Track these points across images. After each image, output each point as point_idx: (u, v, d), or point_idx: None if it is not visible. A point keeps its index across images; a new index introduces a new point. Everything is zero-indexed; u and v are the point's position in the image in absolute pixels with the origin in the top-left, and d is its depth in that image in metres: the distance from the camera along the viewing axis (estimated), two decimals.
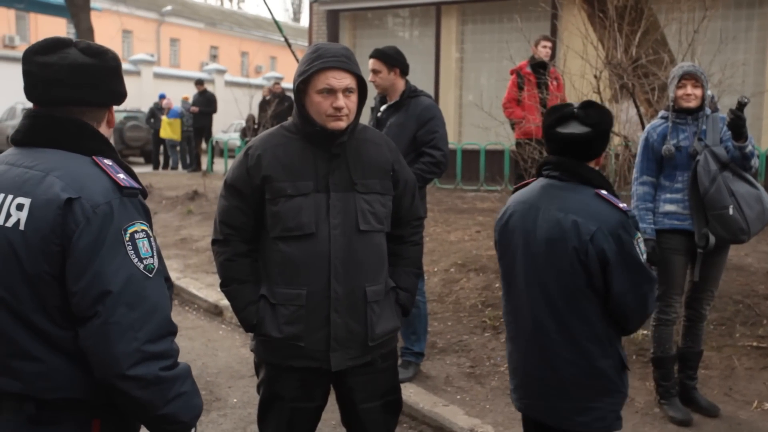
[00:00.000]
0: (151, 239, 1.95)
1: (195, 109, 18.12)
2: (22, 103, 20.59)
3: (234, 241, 2.86)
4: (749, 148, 4.18)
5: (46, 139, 1.97)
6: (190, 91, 20.10)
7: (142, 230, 1.93)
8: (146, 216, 1.98)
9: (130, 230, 1.89)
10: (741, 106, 4.09)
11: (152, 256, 1.93)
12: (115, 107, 2.14)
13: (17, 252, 1.85)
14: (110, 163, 1.97)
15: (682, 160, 4.30)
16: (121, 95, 2.09)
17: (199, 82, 19.21)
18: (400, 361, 4.87)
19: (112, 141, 2.13)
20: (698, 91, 4.30)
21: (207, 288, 7.44)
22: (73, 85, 1.96)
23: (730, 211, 4.13)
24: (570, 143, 2.82)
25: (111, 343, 1.82)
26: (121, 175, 1.94)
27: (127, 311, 1.84)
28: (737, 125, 4.09)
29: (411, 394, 4.70)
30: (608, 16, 7.38)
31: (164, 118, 18.79)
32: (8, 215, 1.88)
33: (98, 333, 1.82)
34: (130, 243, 1.88)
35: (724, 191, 4.15)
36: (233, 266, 2.86)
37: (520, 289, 2.89)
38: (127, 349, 1.82)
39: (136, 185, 1.95)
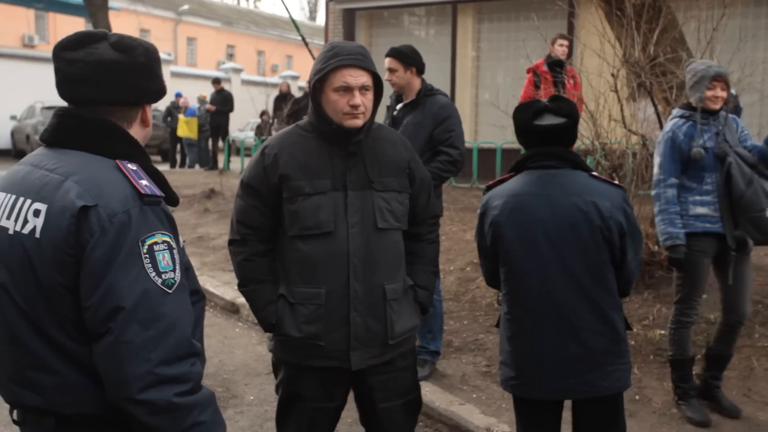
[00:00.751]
0: (174, 251, 1.80)
1: (212, 107, 18.18)
2: (41, 102, 20.78)
3: (251, 241, 2.86)
4: None
5: (71, 140, 1.87)
6: (207, 90, 20.17)
7: (164, 242, 1.78)
8: (170, 226, 1.84)
9: (149, 242, 1.75)
10: None
11: (173, 270, 1.78)
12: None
13: (32, 261, 1.75)
14: (134, 168, 1.83)
15: (709, 162, 4.23)
16: (152, 93, 1.97)
17: (216, 81, 19.31)
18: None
19: (144, 143, 2.03)
20: (725, 93, 4.26)
21: (223, 286, 7.47)
22: (99, 83, 1.85)
23: (767, 214, 4.08)
24: (551, 133, 2.98)
25: (121, 364, 1.69)
26: (144, 182, 1.80)
27: (140, 329, 1.69)
28: None
29: (427, 392, 4.69)
30: (626, 14, 7.34)
31: (181, 116, 18.92)
32: (25, 221, 1.78)
33: (109, 351, 1.70)
34: (148, 255, 1.73)
35: (761, 193, 4.10)
36: (251, 266, 2.86)
37: (540, 277, 2.95)
38: (138, 371, 1.68)
39: (158, 193, 1.81)
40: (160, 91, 1.99)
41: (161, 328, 1.72)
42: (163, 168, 18.57)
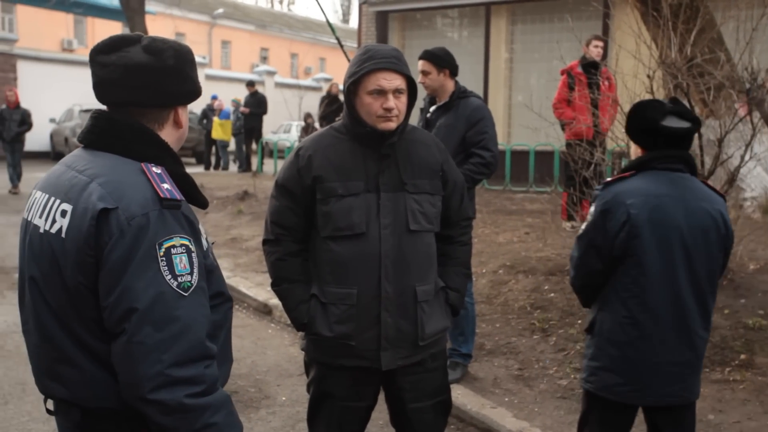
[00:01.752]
0: (193, 255, 1.79)
1: (246, 110, 18.31)
2: (79, 105, 21.09)
3: (285, 241, 2.88)
4: None
5: (103, 141, 1.89)
6: (241, 93, 20.35)
7: (182, 245, 1.77)
8: (190, 229, 1.83)
9: (167, 244, 1.75)
10: None
11: (190, 273, 1.77)
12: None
13: (59, 260, 1.79)
14: (159, 172, 1.83)
15: None
16: (183, 95, 1.96)
17: (250, 84, 19.47)
18: (447, 363, 4.87)
19: (178, 144, 2.03)
20: None
21: (256, 287, 7.52)
22: (128, 86, 1.87)
23: None
24: (681, 137, 2.97)
25: (134, 364, 1.70)
26: (166, 185, 1.80)
27: (152, 331, 1.70)
28: None
29: (458, 395, 4.69)
30: (662, 15, 7.26)
31: (215, 119, 19.06)
32: (54, 221, 1.83)
33: (123, 351, 1.72)
34: (164, 258, 1.73)
35: None
36: (284, 266, 2.88)
37: (669, 281, 2.92)
38: (150, 371, 1.69)
39: (178, 197, 1.81)
40: (192, 93, 1.99)
41: (174, 331, 1.72)
42: (198, 170, 18.76)
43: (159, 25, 25.53)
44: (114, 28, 29.57)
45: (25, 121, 15.03)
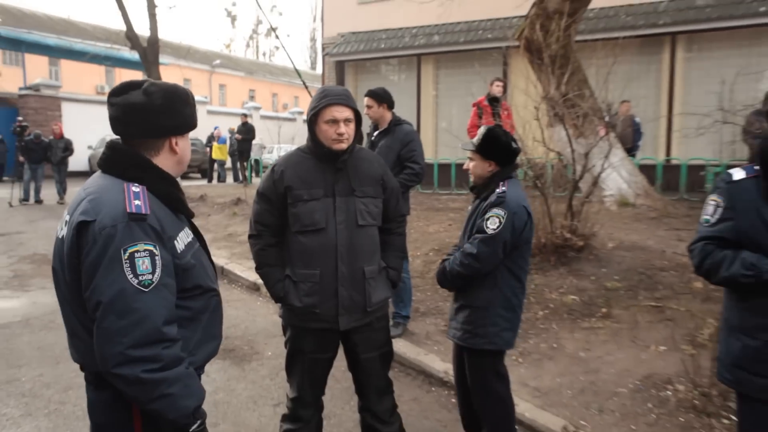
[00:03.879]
0: (156, 257, 1.71)
1: (239, 136, 18.07)
2: (110, 135, 20.49)
3: (265, 235, 2.84)
4: None
5: (107, 166, 1.85)
6: (235, 123, 20.09)
7: (145, 250, 1.69)
8: (156, 237, 1.73)
9: (131, 249, 1.68)
10: None
11: (151, 273, 1.69)
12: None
13: (62, 259, 1.79)
14: (137, 190, 1.76)
15: None
16: (174, 127, 1.88)
17: (243, 116, 19.19)
18: (391, 323, 4.87)
19: (177, 167, 1.93)
20: None
21: (248, 270, 7.42)
22: (126, 122, 1.83)
23: None
24: (517, 155, 3.07)
25: (101, 345, 1.67)
26: (137, 202, 1.74)
27: (115, 319, 1.65)
28: None
29: (400, 346, 4.71)
30: (544, 62, 7.38)
31: (215, 143, 18.90)
32: (62, 228, 1.82)
33: (95, 334, 1.69)
34: (128, 261, 1.67)
35: None
36: (265, 254, 2.85)
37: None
38: (112, 351, 1.65)
39: (143, 211, 1.72)
40: (183, 126, 1.91)
41: (133, 320, 1.66)
42: (203, 183, 18.47)
43: (170, 73, 24.91)
44: (136, 76, 28.87)
45: (67, 148, 14.74)
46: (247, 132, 18.04)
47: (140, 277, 1.68)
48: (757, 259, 2.15)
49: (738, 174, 2.26)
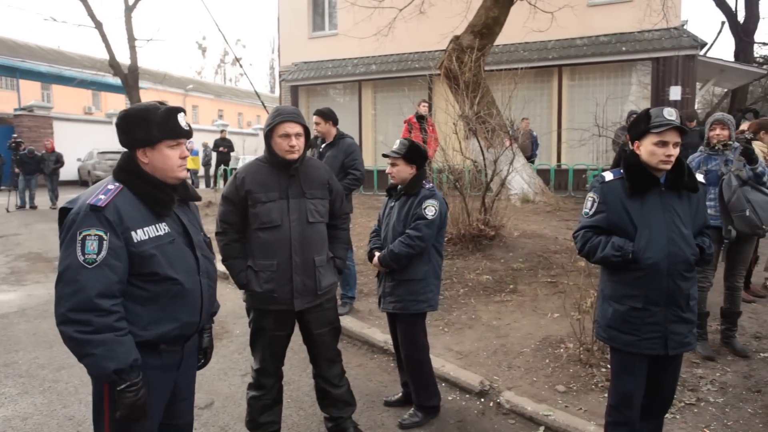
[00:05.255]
0: (104, 242, 1.72)
1: (224, 149, 17.51)
2: (97, 148, 19.59)
3: (229, 232, 2.75)
4: (759, 168, 3.72)
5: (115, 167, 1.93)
6: (208, 139, 19.46)
7: (96, 235, 1.71)
8: (108, 226, 1.73)
9: (84, 233, 1.71)
10: (748, 142, 3.71)
11: (96, 254, 1.70)
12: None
13: None
14: (111, 188, 1.80)
15: (712, 180, 3.80)
16: (134, 141, 1.86)
17: (222, 131, 18.61)
18: (339, 302, 4.82)
19: (159, 172, 1.89)
20: (725, 132, 3.81)
21: (218, 263, 7.16)
22: (119, 133, 1.89)
23: (747, 213, 3.65)
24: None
25: (54, 304, 1.72)
26: (102, 196, 1.76)
27: (63, 286, 1.70)
28: (748, 154, 3.70)
29: (347, 322, 4.65)
30: (460, 87, 7.44)
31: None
32: None
33: None
34: (80, 242, 1.70)
35: (742, 199, 3.67)
36: (229, 248, 2.76)
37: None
38: (59, 310, 1.69)
39: (101, 204, 1.74)
40: (140, 141, 1.86)
41: (74, 289, 1.69)
42: None
43: (149, 97, 23.87)
44: (119, 99, 27.71)
45: (59, 161, 13.87)
46: (227, 145, 17.57)
47: (86, 256, 1.70)
48: (623, 242, 2.26)
49: (609, 176, 2.37)
